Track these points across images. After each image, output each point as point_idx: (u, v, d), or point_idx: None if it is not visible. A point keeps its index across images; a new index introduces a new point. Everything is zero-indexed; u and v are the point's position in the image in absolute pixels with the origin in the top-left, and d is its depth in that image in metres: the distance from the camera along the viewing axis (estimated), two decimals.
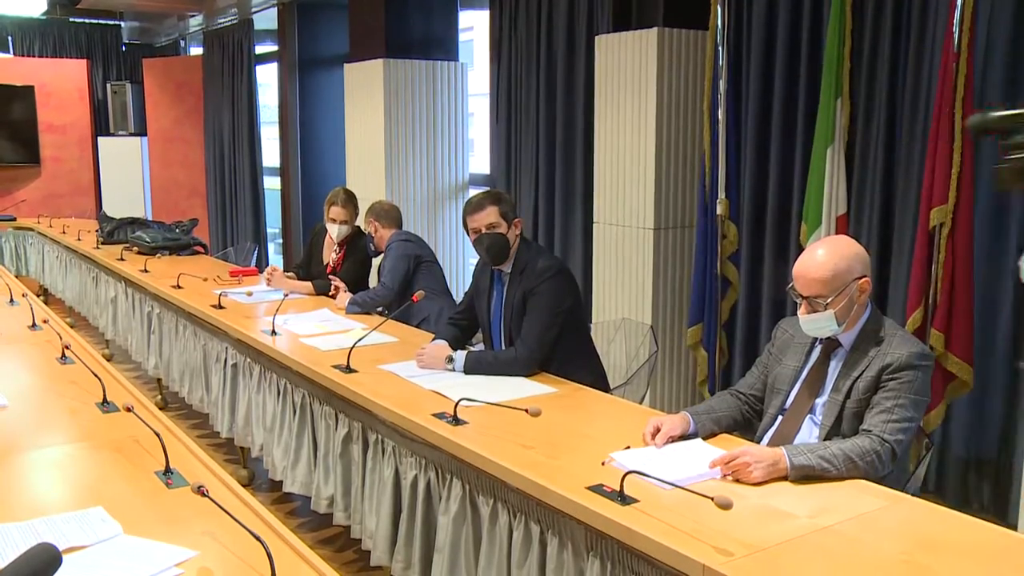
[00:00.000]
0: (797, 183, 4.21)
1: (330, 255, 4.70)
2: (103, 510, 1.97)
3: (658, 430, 2.42)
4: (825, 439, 2.34)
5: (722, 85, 4.21)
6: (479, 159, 7.43)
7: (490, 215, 3.25)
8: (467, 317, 3.49)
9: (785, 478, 2.16)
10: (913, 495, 2.16)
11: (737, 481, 2.15)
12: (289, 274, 4.81)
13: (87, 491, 2.09)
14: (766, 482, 2.14)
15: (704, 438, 2.46)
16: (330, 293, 4.49)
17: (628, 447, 2.37)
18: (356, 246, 4.63)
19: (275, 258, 9.26)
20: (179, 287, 4.81)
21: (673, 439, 2.42)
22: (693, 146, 4.60)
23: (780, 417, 2.47)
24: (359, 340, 3.32)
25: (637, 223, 4.60)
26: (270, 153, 8.78)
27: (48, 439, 2.43)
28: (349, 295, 4.28)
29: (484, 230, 3.26)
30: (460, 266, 6.66)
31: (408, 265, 4.24)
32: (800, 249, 3.67)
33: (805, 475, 2.15)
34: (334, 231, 4.58)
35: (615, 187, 4.71)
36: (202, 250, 6.24)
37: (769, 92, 4.28)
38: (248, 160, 8.67)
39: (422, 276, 4.25)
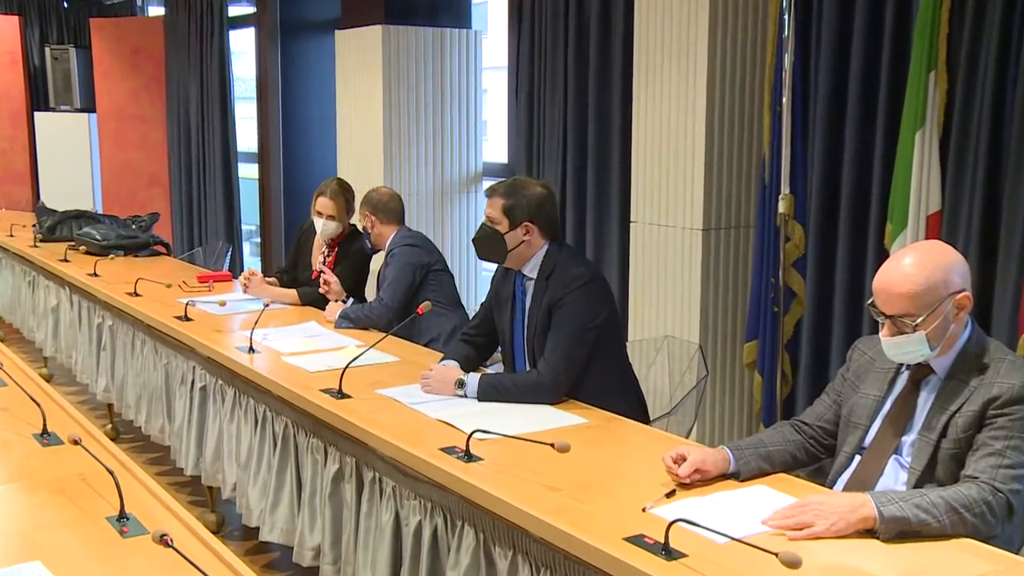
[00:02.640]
0: (879, 175, 4.20)
1: (319, 258, 4.74)
2: (41, 566, 1.96)
3: (684, 459, 2.42)
4: (915, 487, 2.31)
5: (787, 56, 4.21)
6: (495, 145, 7.46)
7: (493, 207, 3.28)
8: (483, 332, 3.51)
9: (870, 531, 2.12)
10: None
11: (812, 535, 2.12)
12: (270, 280, 4.85)
13: (22, 542, 2.08)
14: (845, 536, 2.11)
15: (748, 479, 2.45)
16: (320, 290, 4.47)
17: (674, 491, 2.37)
18: (349, 249, 4.65)
19: (252, 261, 9.32)
20: (136, 294, 4.85)
21: (704, 475, 2.41)
22: (752, 130, 4.60)
23: (858, 457, 2.46)
24: (353, 360, 3.34)
25: (683, 223, 4.61)
26: (246, 135, 8.84)
27: None
28: (341, 306, 4.30)
29: (485, 220, 3.30)
30: (472, 274, 6.68)
31: (413, 277, 4.25)
32: (883, 255, 3.64)
33: (897, 529, 2.10)
34: (319, 228, 4.61)
35: (657, 179, 4.72)
36: (164, 250, 6.29)
37: (845, 63, 4.26)
38: (220, 143, 8.74)
39: (430, 287, 4.25)
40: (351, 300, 4.39)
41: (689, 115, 4.54)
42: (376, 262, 4.65)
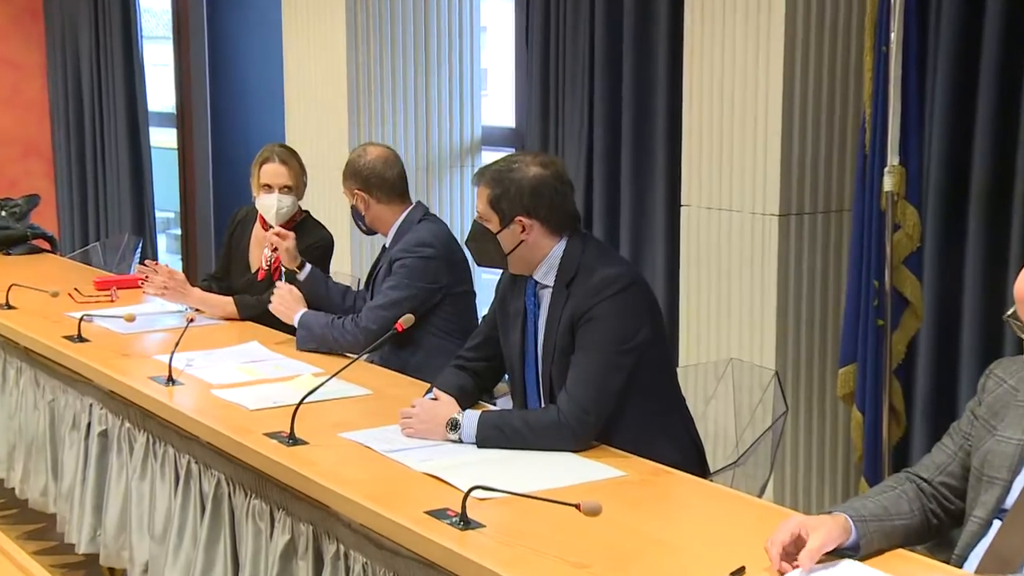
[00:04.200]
0: (1023, 145, 4.22)
1: (262, 255, 4.78)
2: None
3: (796, 541, 2.44)
4: None
5: None
6: (498, 103, 7.46)
7: (481, 199, 3.34)
8: (484, 356, 3.54)
9: None
10: None
11: None
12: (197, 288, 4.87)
13: None
14: None
15: (866, 557, 2.48)
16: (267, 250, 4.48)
17: (742, 568, 2.40)
18: (304, 241, 4.64)
19: (170, 260, 9.33)
20: (9, 307, 4.89)
21: (824, 559, 2.43)
22: (847, 81, 4.63)
23: (997, 523, 2.48)
24: (310, 393, 3.35)
25: (753, 207, 4.64)
26: (160, 89, 8.86)
27: None
28: (299, 307, 4.23)
29: (476, 216, 3.36)
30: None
31: (422, 304, 4.08)
32: None
33: None
34: (270, 207, 4.63)
35: (717, 149, 4.75)
36: (47, 246, 6.33)
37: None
38: (123, 100, 8.76)
39: (442, 314, 4.16)
40: (308, 268, 4.38)
41: (761, 62, 4.57)
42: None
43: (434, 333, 4.16)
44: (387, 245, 4.33)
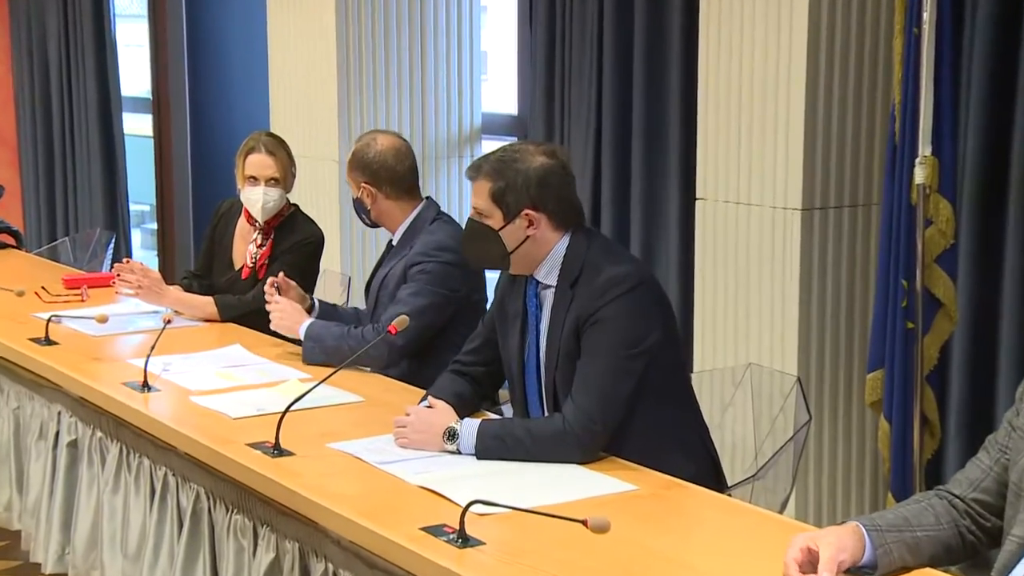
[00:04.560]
0: None
1: (246, 251, 4.77)
2: None
3: (810, 555, 2.44)
4: None
5: None
6: (499, 88, 7.46)
7: (479, 194, 3.32)
8: (483, 361, 3.54)
9: None
10: None
11: None
12: (174, 287, 4.85)
13: None
14: None
15: (889, 575, 2.48)
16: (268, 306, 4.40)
17: None
18: (291, 237, 4.67)
19: (146, 257, 9.31)
20: None
21: (842, 571, 2.43)
22: (876, 65, 4.63)
23: None
24: (296, 400, 3.34)
25: (774, 200, 4.64)
26: (134, 74, 8.86)
27: None
28: (304, 318, 4.12)
29: (472, 212, 3.35)
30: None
31: (442, 314, 4.03)
32: None
33: None
34: (256, 201, 4.62)
35: (735, 139, 4.75)
36: (12, 241, 6.32)
37: None
38: (95, 84, 8.76)
39: (458, 324, 4.07)
40: (316, 308, 4.28)
41: (783, 43, 4.57)
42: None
43: (452, 347, 4.11)
44: (394, 243, 4.28)
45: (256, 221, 4.66)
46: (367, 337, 3.95)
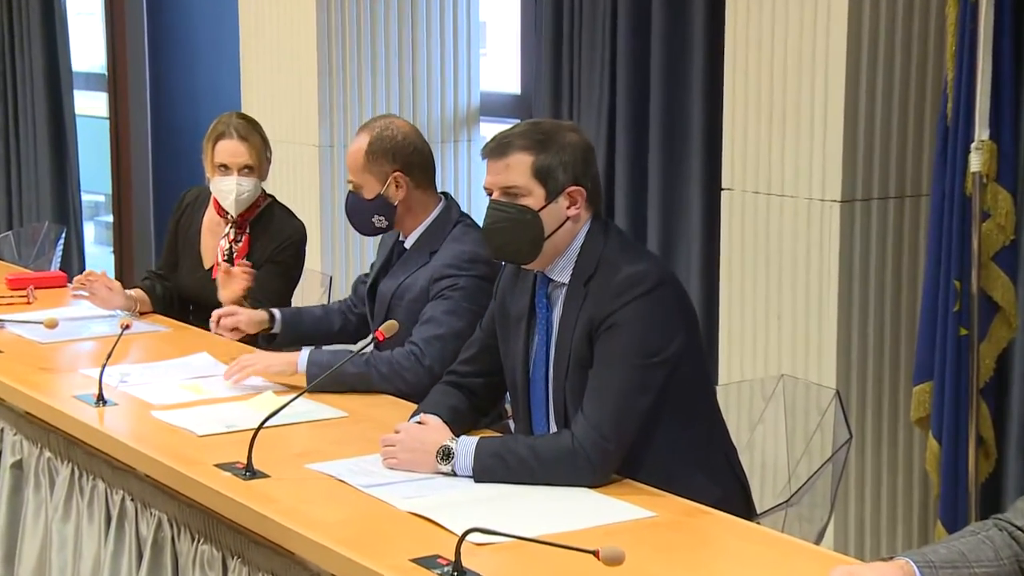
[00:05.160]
0: None
1: (216, 246, 4.78)
2: None
3: None
4: None
5: None
6: (499, 65, 7.45)
7: (514, 169, 3.30)
8: (481, 370, 3.55)
9: None
10: None
11: None
12: (134, 290, 4.85)
13: None
14: None
15: None
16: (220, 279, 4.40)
17: None
18: (270, 229, 4.69)
19: (100, 254, 9.29)
20: None
21: None
22: (925, 39, 4.62)
23: None
24: (271, 415, 3.34)
25: (810, 191, 4.63)
26: (86, 46, 8.85)
27: None
28: (292, 354, 4.03)
29: (499, 195, 3.33)
30: None
31: (479, 319, 3.82)
32: None
33: None
34: (228, 192, 4.63)
35: (766, 123, 4.74)
36: None
37: None
38: (43, 59, 8.75)
39: None
40: (278, 318, 4.29)
41: (820, 13, 4.56)
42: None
43: None
44: (407, 246, 4.24)
45: (228, 213, 4.67)
46: (406, 366, 3.91)
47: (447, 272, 4.04)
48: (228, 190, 4.62)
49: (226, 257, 4.70)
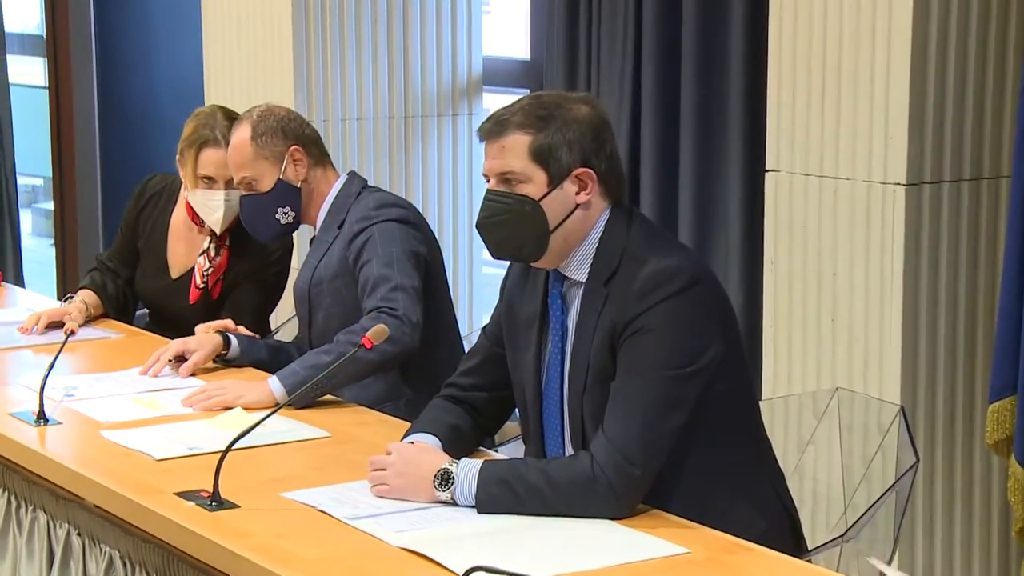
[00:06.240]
0: None
1: (188, 259, 4.82)
2: None
3: None
4: None
5: None
6: (504, 28, 7.47)
7: (510, 151, 3.33)
8: (484, 384, 3.59)
9: None
10: None
11: None
12: (81, 292, 4.88)
13: None
14: None
15: None
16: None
17: None
18: (253, 241, 4.64)
19: (39, 245, 9.29)
20: None
21: None
22: (1006, 7, 4.62)
23: None
24: (242, 435, 3.34)
25: (870, 173, 4.65)
26: (20, 4, 8.88)
27: None
28: (260, 380, 4.08)
29: (496, 182, 3.36)
30: (464, 274, 6.73)
31: (422, 272, 4.13)
32: None
33: None
34: (215, 208, 4.63)
35: (818, 97, 4.76)
36: None
37: None
38: None
39: (434, 296, 4.24)
40: (234, 344, 4.30)
41: None
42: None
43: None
44: (317, 233, 4.34)
45: (211, 230, 4.70)
46: (369, 325, 3.82)
47: (358, 228, 4.20)
48: (215, 207, 4.63)
49: (205, 277, 4.71)
